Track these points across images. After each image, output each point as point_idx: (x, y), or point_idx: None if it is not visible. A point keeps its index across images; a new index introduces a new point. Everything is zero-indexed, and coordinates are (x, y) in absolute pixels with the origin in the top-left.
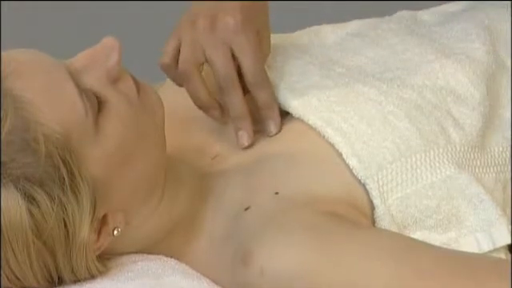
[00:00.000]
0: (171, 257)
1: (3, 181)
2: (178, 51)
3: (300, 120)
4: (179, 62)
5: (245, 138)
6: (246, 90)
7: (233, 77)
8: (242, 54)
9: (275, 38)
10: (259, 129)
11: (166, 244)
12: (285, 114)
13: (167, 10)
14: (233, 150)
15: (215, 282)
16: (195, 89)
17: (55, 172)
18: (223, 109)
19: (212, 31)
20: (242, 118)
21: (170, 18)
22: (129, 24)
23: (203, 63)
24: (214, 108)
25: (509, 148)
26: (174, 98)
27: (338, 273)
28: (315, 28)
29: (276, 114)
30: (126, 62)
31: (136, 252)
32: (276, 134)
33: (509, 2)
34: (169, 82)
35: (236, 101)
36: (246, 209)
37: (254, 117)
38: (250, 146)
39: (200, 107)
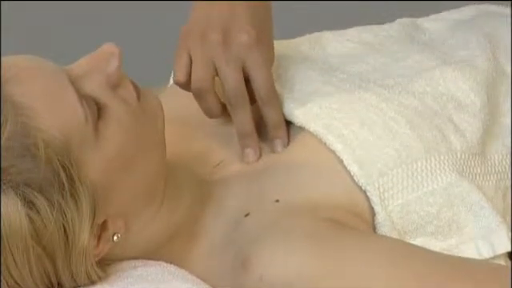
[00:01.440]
0: (171, 263)
1: (3, 186)
2: (190, 66)
3: (301, 127)
4: (192, 80)
5: (251, 155)
6: (252, 101)
7: (243, 94)
8: (255, 70)
9: (275, 45)
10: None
11: (166, 250)
12: (287, 121)
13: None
14: (234, 157)
15: (215, 286)
16: (210, 106)
17: (55, 178)
18: None
19: (226, 47)
20: (249, 136)
21: (170, 24)
22: (129, 29)
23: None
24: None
25: (509, 156)
26: (175, 103)
27: (338, 279)
28: (316, 35)
29: (284, 133)
30: (127, 67)
31: (136, 258)
32: (283, 151)
33: (509, 2)
34: (170, 87)
35: (244, 118)
36: (246, 215)
37: (258, 127)
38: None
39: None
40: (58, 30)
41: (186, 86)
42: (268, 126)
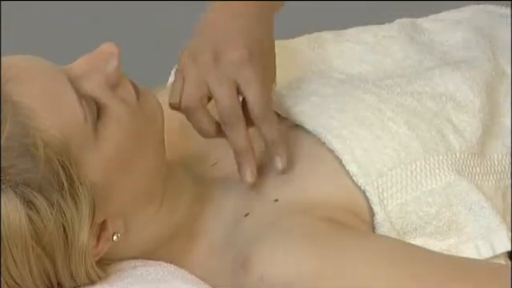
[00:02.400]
0: (171, 263)
1: (2, 186)
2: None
3: (300, 127)
4: (181, 99)
5: (248, 174)
6: (250, 123)
7: (236, 112)
8: (248, 88)
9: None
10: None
11: (165, 250)
12: (285, 121)
13: (167, 15)
14: (233, 156)
15: (215, 287)
16: (201, 125)
17: (54, 177)
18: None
19: (216, 65)
20: (246, 154)
21: (170, 24)
22: (128, 29)
23: (208, 97)
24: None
25: (508, 155)
26: None
27: (337, 279)
28: (315, 35)
29: (283, 150)
30: (126, 67)
31: (136, 257)
32: (284, 169)
33: (509, 2)
34: (169, 86)
35: (238, 137)
36: (246, 215)
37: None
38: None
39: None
40: (58, 30)
41: (178, 108)
42: (266, 144)
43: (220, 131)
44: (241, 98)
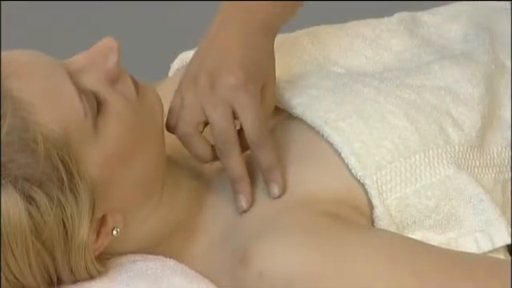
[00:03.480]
0: (171, 257)
1: (2, 181)
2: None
3: (299, 119)
4: (177, 125)
5: (243, 201)
6: (245, 147)
7: (231, 138)
8: (244, 112)
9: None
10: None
11: (165, 245)
12: (284, 113)
13: (166, 10)
14: None
15: (214, 282)
16: (197, 151)
17: (54, 172)
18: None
19: (212, 90)
20: (240, 181)
21: (169, 19)
22: (128, 24)
23: (205, 122)
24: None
25: (508, 148)
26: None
27: (338, 275)
28: (314, 28)
29: (279, 176)
30: (126, 61)
31: (135, 252)
32: (281, 195)
33: (509, 2)
34: (167, 81)
35: (233, 164)
36: (245, 210)
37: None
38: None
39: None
40: (58, 24)
41: (173, 129)
42: (260, 169)
43: (216, 155)
44: (238, 123)
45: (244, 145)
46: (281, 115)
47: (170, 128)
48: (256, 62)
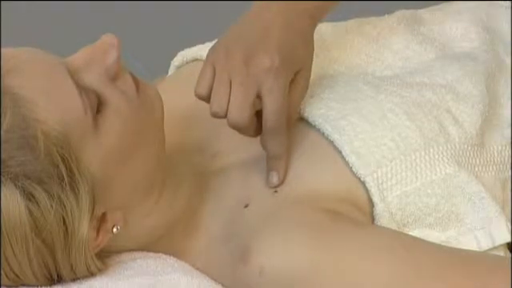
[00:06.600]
0: (171, 254)
1: (2, 178)
2: (212, 80)
3: (299, 117)
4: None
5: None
6: (258, 132)
7: (245, 122)
8: (267, 97)
9: None
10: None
11: (165, 242)
12: None
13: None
14: (233, 147)
15: (215, 279)
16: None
17: (54, 169)
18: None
19: (245, 66)
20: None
21: (169, 16)
22: (128, 21)
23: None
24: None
25: (508, 146)
26: (173, 94)
27: (338, 272)
28: None
29: (282, 166)
30: (125, 60)
31: (135, 249)
32: (278, 185)
33: (509, 2)
34: (168, 78)
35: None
36: (245, 206)
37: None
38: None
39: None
40: (58, 21)
41: (205, 99)
42: (267, 155)
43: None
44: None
45: (258, 128)
46: None
47: (201, 97)
48: (294, 48)
